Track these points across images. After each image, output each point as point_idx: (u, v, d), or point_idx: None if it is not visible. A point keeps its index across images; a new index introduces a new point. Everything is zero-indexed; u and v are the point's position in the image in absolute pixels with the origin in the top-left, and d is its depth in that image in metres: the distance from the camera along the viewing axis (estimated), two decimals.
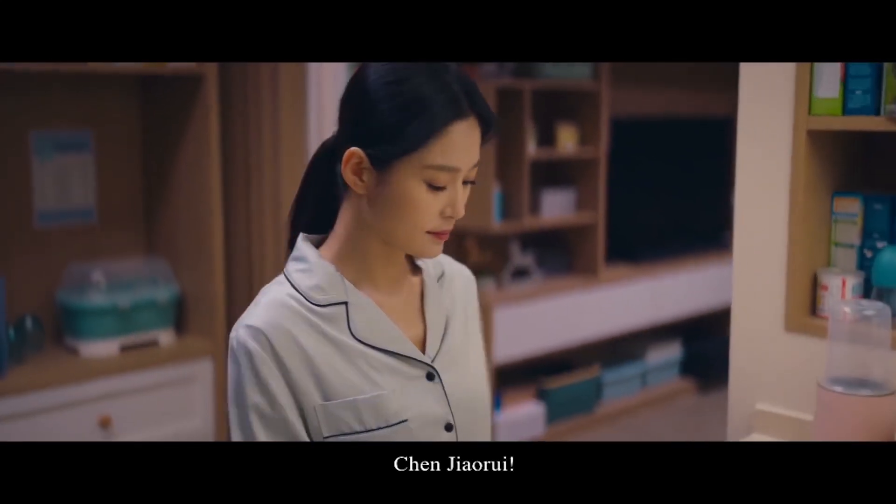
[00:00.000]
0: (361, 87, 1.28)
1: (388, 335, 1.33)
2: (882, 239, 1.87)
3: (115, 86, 3.28)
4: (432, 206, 1.27)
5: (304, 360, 1.27)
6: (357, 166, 1.28)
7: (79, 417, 2.92)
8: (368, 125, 1.25)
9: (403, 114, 1.23)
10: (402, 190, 1.25)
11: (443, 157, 1.24)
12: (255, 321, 1.27)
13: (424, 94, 1.23)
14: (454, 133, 1.24)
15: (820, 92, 1.83)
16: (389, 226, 1.29)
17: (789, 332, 1.90)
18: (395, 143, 1.24)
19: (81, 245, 3.26)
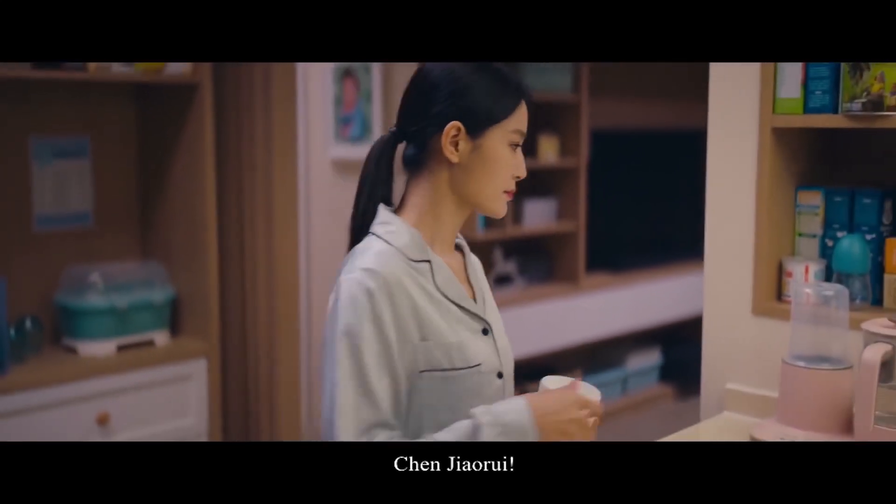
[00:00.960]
0: (430, 80, 1.53)
1: (460, 292, 1.55)
2: (842, 229, 2.00)
3: (112, 93, 3.38)
4: (511, 167, 1.54)
5: (410, 302, 1.46)
6: (454, 137, 1.51)
7: (78, 414, 3.00)
8: (465, 102, 1.50)
9: (495, 90, 1.52)
10: (494, 151, 1.52)
11: (520, 123, 1.54)
12: (372, 265, 1.46)
13: (500, 78, 1.53)
14: (522, 107, 1.54)
15: (783, 92, 1.96)
16: (480, 185, 1.53)
17: (757, 315, 2.03)
18: (491, 112, 1.51)
19: (79, 248, 3.34)
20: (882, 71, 1.80)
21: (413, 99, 1.55)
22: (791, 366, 1.80)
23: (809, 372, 1.78)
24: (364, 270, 1.45)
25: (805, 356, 1.81)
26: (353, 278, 1.46)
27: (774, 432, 1.78)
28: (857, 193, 1.98)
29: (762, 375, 2.01)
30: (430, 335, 1.47)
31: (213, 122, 3.25)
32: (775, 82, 1.96)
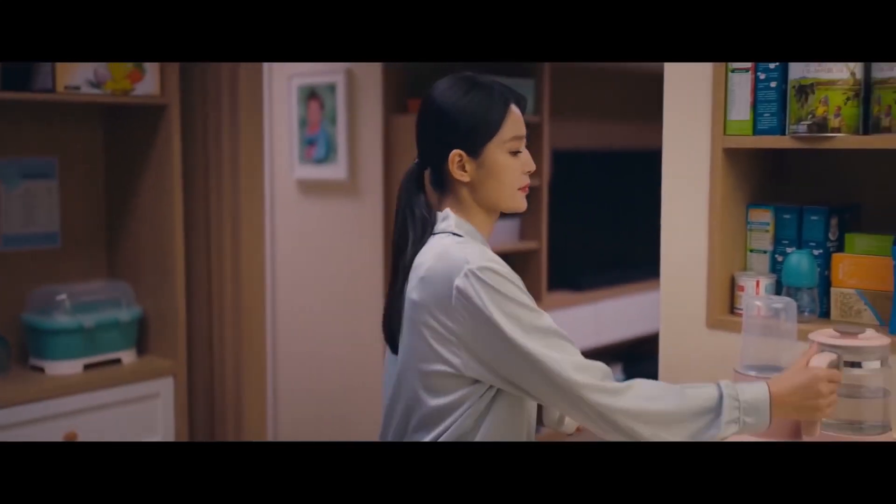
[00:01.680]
0: (438, 113, 1.70)
1: None
2: (791, 245, 2.09)
3: (79, 115, 3.41)
4: (517, 168, 1.72)
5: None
6: (460, 162, 1.70)
7: (45, 433, 3.00)
8: (456, 132, 1.69)
9: (481, 111, 1.68)
10: (497, 164, 1.70)
11: (514, 130, 1.71)
12: (484, 254, 1.63)
13: (483, 98, 1.69)
14: (512, 113, 1.72)
15: (733, 115, 2.05)
16: (495, 193, 1.71)
17: (711, 328, 2.11)
18: (483, 133, 1.69)
19: (46, 268, 3.36)
20: (826, 95, 1.89)
21: (422, 132, 1.74)
22: (743, 375, 1.88)
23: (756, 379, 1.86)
24: (485, 259, 1.61)
25: (756, 366, 1.89)
26: (485, 266, 1.59)
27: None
28: (804, 211, 2.07)
29: None
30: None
31: (180, 143, 3.29)
32: (726, 105, 2.05)
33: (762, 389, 1.61)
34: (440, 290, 1.59)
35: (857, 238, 2.02)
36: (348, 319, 4.26)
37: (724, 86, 2.05)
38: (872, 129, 1.89)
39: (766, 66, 1.99)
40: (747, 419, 1.59)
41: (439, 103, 1.70)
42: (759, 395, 1.61)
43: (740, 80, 2.02)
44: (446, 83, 1.72)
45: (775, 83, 1.98)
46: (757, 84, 2.00)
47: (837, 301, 2.02)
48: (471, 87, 1.70)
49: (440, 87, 1.72)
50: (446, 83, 1.72)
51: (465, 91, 1.69)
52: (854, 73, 1.88)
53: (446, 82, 1.72)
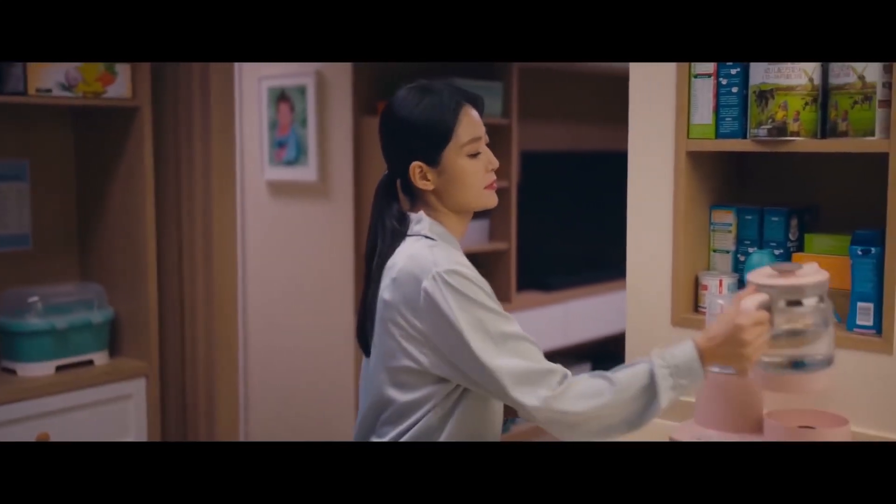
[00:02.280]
0: (394, 126, 1.74)
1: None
2: (753, 245, 2.14)
3: (50, 117, 3.42)
4: (479, 169, 1.75)
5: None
6: (421, 173, 1.73)
7: (18, 434, 3.01)
8: (413, 144, 1.72)
9: (430, 123, 1.71)
10: (456, 169, 1.73)
11: (469, 132, 1.74)
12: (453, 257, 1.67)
13: (434, 105, 1.72)
14: (464, 116, 1.73)
15: (696, 119, 2.11)
16: (462, 196, 1.74)
17: (675, 326, 2.16)
18: (438, 141, 1.71)
19: (17, 270, 3.36)
20: (785, 100, 1.95)
21: (383, 145, 1.78)
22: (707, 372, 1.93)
23: (723, 377, 1.92)
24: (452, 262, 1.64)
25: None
26: (450, 270, 1.63)
27: (692, 433, 1.91)
28: (765, 212, 2.13)
29: None
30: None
31: (151, 145, 3.31)
32: (689, 109, 2.11)
33: (690, 349, 1.62)
34: (409, 291, 1.64)
35: (817, 238, 2.08)
36: (319, 320, 4.29)
37: (688, 91, 2.10)
38: (830, 133, 1.95)
39: (727, 71, 2.05)
40: (682, 381, 1.61)
41: (394, 116, 1.74)
42: (689, 354, 1.62)
43: (703, 86, 2.08)
44: (401, 94, 1.75)
45: (737, 88, 2.04)
46: (719, 89, 2.06)
47: None
48: (423, 97, 1.72)
49: (396, 98, 1.75)
50: (401, 94, 1.75)
51: (417, 101, 1.72)
52: (812, 80, 1.95)
53: (401, 93, 1.75)
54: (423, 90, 1.73)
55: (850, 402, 1.93)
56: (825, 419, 1.89)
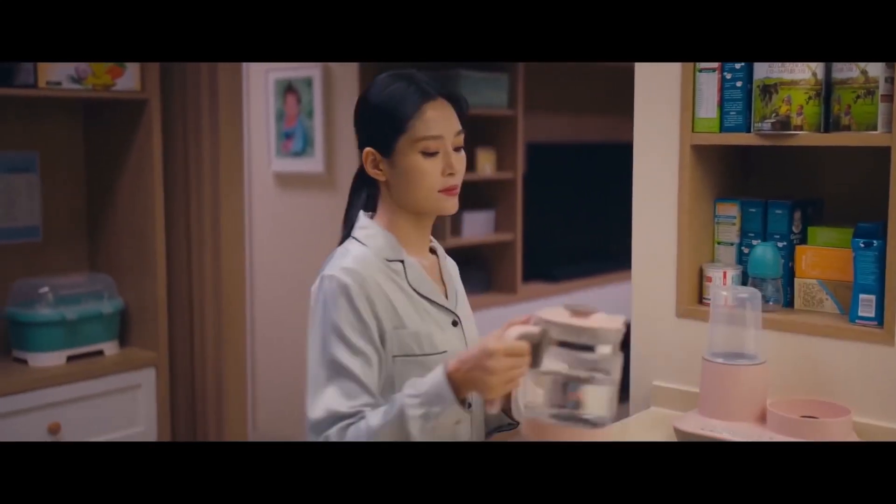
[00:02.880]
0: (360, 108, 1.69)
1: (431, 287, 1.71)
2: (757, 237, 2.17)
3: (60, 110, 3.44)
4: (434, 170, 1.64)
5: (383, 295, 1.63)
6: (374, 161, 1.67)
7: (29, 424, 3.04)
8: (370, 129, 1.67)
9: (387, 110, 1.63)
10: (408, 164, 1.63)
11: (425, 130, 1.62)
12: (349, 264, 1.62)
13: (397, 92, 1.63)
14: (428, 110, 1.63)
15: (701, 113, 2.13)
16: (411, 195, 1.66)
17: (680, 317, 2.19)
18: (389, 132, 1.63)
19: (28, 261, 3.39)
20: (789, 94, 1.97)
21: (354, 127, 1.71)
22: (711, 362, 1.96)
23: (727, 367, 1.94)
24: (344, 269, 1.61)
25: (723, 353, 1.97)
26: (333, 276, 1.61)
27: (696, 424, 1.93)
28: (769, 205, 2.15)
29: (685, 372, 2.17)
30: (403, 325, 1.63)
31: (160, 138, 3.33)
32: (694, 103, 2.13)
33: (439, 374, 1.50)
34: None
35: (820, 231, 2.11)
36: None
37: (692, 85, 2.12)
38: (833, 126, 1.97)
39: (732, 66, 2.07)
40: (434, 409, 1.48)
41: (363, 97, 1.68)
42: (437, 379, 1.50)
43: (707, 80, 2.10)
44: (378, 78, 1.68)
45: (741, 83, 2.06)
46: (723, 83, 2.08)
47: (801, 291, 2.11)
48: (392, 83, 1.65)
49: (373, 80, 1.69)
50: (378, 78, 1.68)
51: (385, 86, 1.65)
52: (815, 74, 1.97)
53: (380, 77, 1.68)
54: (398, 77, 1.65)
55: (852, 392, 1.95)
56: (827, 409, 1.92)
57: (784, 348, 2.03)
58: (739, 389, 1.93)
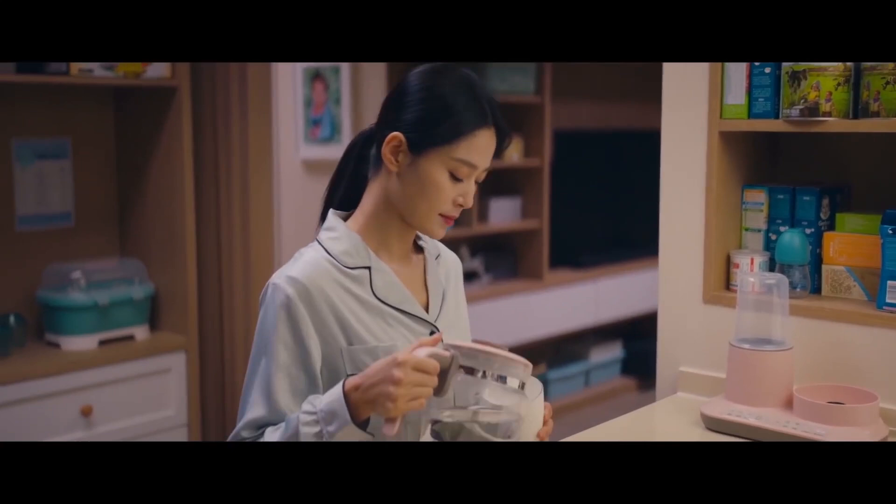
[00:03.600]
0: (403, 86, 1.55)
1: (402, 296, 1.57)
2: (784, 224, 2.16)
3: (91, 97, 3.48)
4: (449, 194, 1.52)
5: (332, 309, 1.50)
6: (395, 148, 1.52)
7: (62, 406, 3.10)
8: (409, 116, 1.52)
9: (443, 112, 1.50)
10: (429, 174, 1.51)
11: (468, 154, 1.51)
12: (295, 273, 1.50)
13: (457, 101, 1.50)
14: (479, 137, 1.51)
15: (729, 99, 2.13)
16: (411, 203, 1.53)
17: (707, 303, 2.19)
18: (432, 135, 1.50)
19: (60, 247, 3.44)
20: (818, 80, 1.96)
21: (387, 100, 1.57)
22: (737, 348, 1.97)
23: (754, 353, 1.95)
24: (288, 278, 1.50)
25: (750, 339, 1.97)
26: (277, 284, 1.51)
27: (723, 409, 1.94)
28: (797, 191, 2.15)
29: (712, 358, 2.18)
30: (356, 340, 1.50)
31: (190, 124, 3.37)
32: (722, 90, 2.12)
33: (337, 390, 1.40)
34: None
35: (848, 217, 2.10)
36: None
37: (721, 71, 2.12)
38: (862, 113, 1.96)
39: None
40: (329, 428, 1.39)
41: (424, 76, 1.53)
42: (334, 395, 1.40)
43: (736, 67, 2.10)
44: (448, 66, 1.55)
45: (769, 69, 2.05)
46: (752, 70, 2.08)
47: (828, 278, 2.10)
48: (462, 85, 1.52)
49: (440, 65, 1.55)
50: (448, 66, 1.55)
51: (453, 83, 1.52)
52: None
53: (450, 66, 1.55)
54: (466, 82, 1.53)
55: (879, 378, 1.95)
56: (854, 395, 1.92)
57: (811, 334, 2.03)
58: (766, 375, 1.94)
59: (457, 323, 1.67)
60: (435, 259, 1.69)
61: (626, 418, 2.07)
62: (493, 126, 1.53)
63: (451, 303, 1.67)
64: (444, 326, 1.61)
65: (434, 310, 1.62)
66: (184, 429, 3.41)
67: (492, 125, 1.53)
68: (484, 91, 1.55)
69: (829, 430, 1.79)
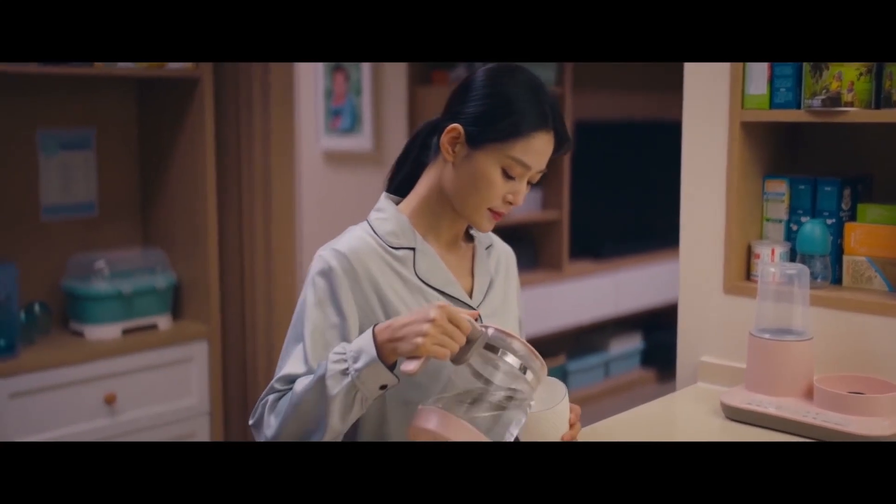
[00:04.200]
0: (470, 80, 1.60)
1: (445, 279, 1.62)
2: (805, 214, 2.16)
3: (115, 87, 3.51)
4: (500, 190, 1.56)
5: (373, 284, 1.56)
6: (454, 139, 1.57)
7: (86, 394, 3.14)
8: (471, 110, 1.56)
9: (504, 110, 1.54)
10: (483, 168, 1.55)
11: (522, 154, 1.54)
12: (341, 246, 1.57)
13: (518, 101, 1.54)
14: (536, 139, 1.55)
15: (751, 89, 2.12)
16: (462, 194, 1.58)
17: (727, 294, 2.19)
18: (490, 131, 1.54)
19: (84, 236, 3.47)
20: (840, 71, 1.96)
21: (453, 93, 1.62)
22: (758, 338, 1.97)
23: (774, 343, 1.95)
24: (333, 251, 1.56)
25: (770, 329, 1.98)
26: (322, 256, 1.57)
27: (743, 398, 1.95)
28: (818, 182, 2.14)
29: (732, 348, 2.18)
30: (394, 316, 1.53)
31: (213, 115, 3.39)
32: (744, 80, 2.12)
33: (368, 331, 1.45)
34: None
35: (869, 208, 2.10)
36: None
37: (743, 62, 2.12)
38: (884, 103, 1.95)
39: None
40: (356, 365, 1.42)
41: (487, 75, 1.58)
42: (364, 335, 1.45)
43: None
44: (521, 67, 1.60)
45: None
46: None
47: (849, 268, 2.10)
48: (525, 86, 1.56)
49: (514, 66, 1.60)
50: (521, 67, 1.60)
51: (520, 85, 1.56)
52: None
53: (522, 67, 1.60)
54: (532, 84, 1.57)
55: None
56: (875, 385, 1.91)
57: (832, 325, 2.03)
58: (786, 365, 1.94)
59: (502, 314, 1.71)
60: (485, 249, 1.73)
61: (646, 407, 2.08)
62: (552, 130, 1.57)
63: (498, 293, 1.71)
64: (486, 314, 1.64)
65: (478, 296, 1.66)
66: (206, 417, 3.44)
67: (551, 129, 1.57)
68: (548, 95, 1.59)
69: (849, 420, 1.79)
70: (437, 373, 1.54)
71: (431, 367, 1.53)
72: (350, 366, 1.43)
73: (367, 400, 1.46)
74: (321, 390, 1.44)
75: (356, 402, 1.44)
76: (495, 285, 1.71)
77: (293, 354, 1.55)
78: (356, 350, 1.44)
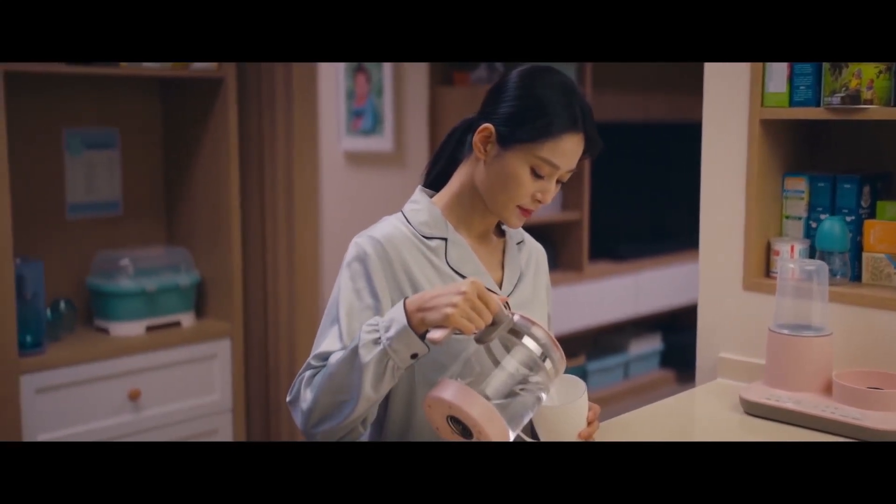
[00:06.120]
0: (504, 80, 1.64)
1: (476, 269, 1.66)
2: (825, 212, 2.17)
3: (140, 87, 3.55)
4: (528, 188, 1.60)
5: (406, 271, 1.61)
6: (486, 137, 1.62)
7: (110, 390, 3.18)
8: (503, 110, 1.61)
9: (535, 111, 1.58)
10: (512, 167, 1.60)
11: (551, 155, 1.58)
12: (376, 234, 1.62)
13: (550, 103, 1.58)
14: (565, 141, 1.59)
15: (770, 87, 2.14)
16: (492, 191, 1.63)
17: (747, 290, 2.21)
18: (520, 132, 1.58)
19: (108, 234, 3.51)
20: (859, 68, 1.97)
21: (488, 93, 1.66)
22: (777, 334, 1.98)
23: (793, 339, 1.96)
24: (369, 238, 1.62)
25: (789, 325, 1.99)
26: (358, 242, 1.63)
27: (762, 394, 1.96)
28: (838, 179, 2.15)
29: (751, 344, 2.19)
30: None
31: (236, 115, 3.42)
32: (764, 78, 2.13)
33: (400, 303, 1.49)
34: None
35: (889, 205, 2.11)
36: None
37: None
38: None
39: None
40: (388, 334, 1.46)
41: (521, 76, 1.62)
42: (396, 307, 1.49)
43: None
44: (554, 69, 1.63)
45: None
46: None
47: (868, 265, 2.11)
48: (557, 87, 1.60)
49: (548, 68, 1.63)
50: (554, 69, 1.63)
51: (550, 86, 1.59)
52: None
53: (555, 69, 1.63)
54: (566, 88, 1.61)
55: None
56: (893, 381, 1.92)
57: (850, 321, 2.04)
58: (805, 360, 1.95)
59: (531, 307, 1.75)
60: (516, 244, 1.77)
61: (666, 402, 2.09)
62: (581, 132, 1.60)
63: (527, 286, 1.76)
64: (514, 305, 1.66)
65: (507, 287, 1.71)
66: (228, 414, 3.48)
67: (581, 131, 1.60)
68: (580, 97, 1.62)
69: (868, 415, 1.80)
70: (459, 354, 1.56)
71: (454, 349, 1.56)
72: (382, 335, 1.47)
73: (399, 369, 1.50)
74: (354, 360, 1.48)
75: (388, 370, 1.48)
76: (525, 279, 1.75)
77: (329, 334, 1.59)
78: (388, 320, 1.48)
